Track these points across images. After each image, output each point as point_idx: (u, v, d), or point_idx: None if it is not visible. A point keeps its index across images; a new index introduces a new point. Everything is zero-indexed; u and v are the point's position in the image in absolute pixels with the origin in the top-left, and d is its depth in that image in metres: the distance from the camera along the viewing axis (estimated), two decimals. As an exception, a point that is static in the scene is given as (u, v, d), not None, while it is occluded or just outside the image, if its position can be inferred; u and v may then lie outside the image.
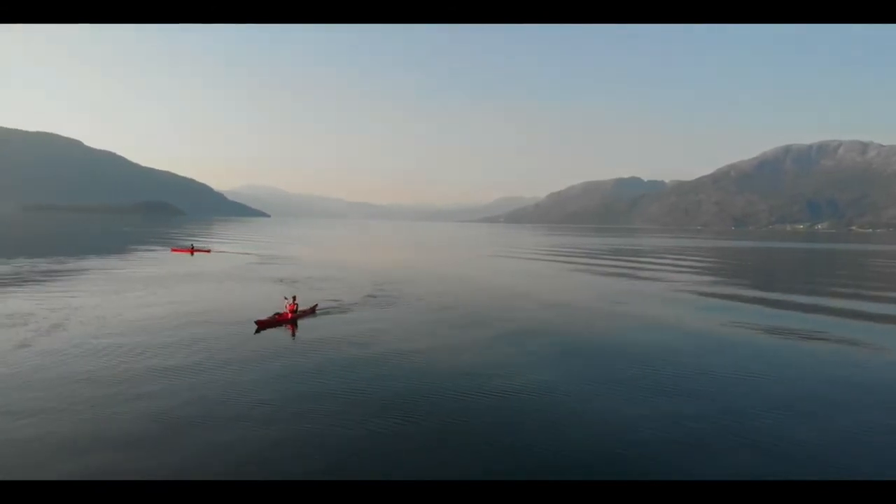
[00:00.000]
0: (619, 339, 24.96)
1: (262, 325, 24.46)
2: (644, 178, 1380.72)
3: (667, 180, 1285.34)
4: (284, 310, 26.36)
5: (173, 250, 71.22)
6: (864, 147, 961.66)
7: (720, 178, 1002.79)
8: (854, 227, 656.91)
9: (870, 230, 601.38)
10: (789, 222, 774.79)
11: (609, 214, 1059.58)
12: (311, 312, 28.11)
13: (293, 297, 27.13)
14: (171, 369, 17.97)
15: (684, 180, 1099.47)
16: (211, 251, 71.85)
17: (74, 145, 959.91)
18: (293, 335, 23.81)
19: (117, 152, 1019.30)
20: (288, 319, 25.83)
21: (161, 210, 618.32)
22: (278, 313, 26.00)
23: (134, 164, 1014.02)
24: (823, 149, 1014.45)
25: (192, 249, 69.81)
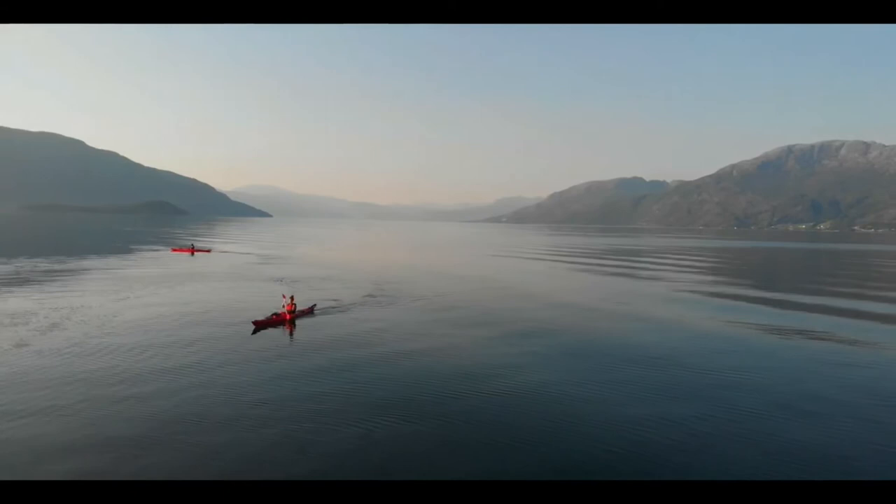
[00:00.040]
0: (620, 339, 24.81)
1: (259, 326, 24.30)
2: (646, 178, 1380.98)
3: (669, 180, 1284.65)
4: (282, 310, 26.21)
5: (173, 250, 71.11)
6: (867, 147, 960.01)
7: (722, 178, 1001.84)
8: (856, 228, 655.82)
9: (872, 230, 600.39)
10: (791, 222, 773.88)
11: (611, 214, 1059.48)
12: (309, 312, 27.96)
13: (291, 297, 26.92)
14: (168, 369, 17.88)
15: (687, 180, 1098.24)
16: (211, 251, 71.76)
17: (77, 145, 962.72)
18: (291, 335, 23.67)
19: (119, 152, 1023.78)
20: (285, 319, 25.68)
21: (163, 210, 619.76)
22: (276, 313, 25.84)
23: (136, 164, 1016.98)
24: (826, 149, 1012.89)
25: (193, 249, 69.71)
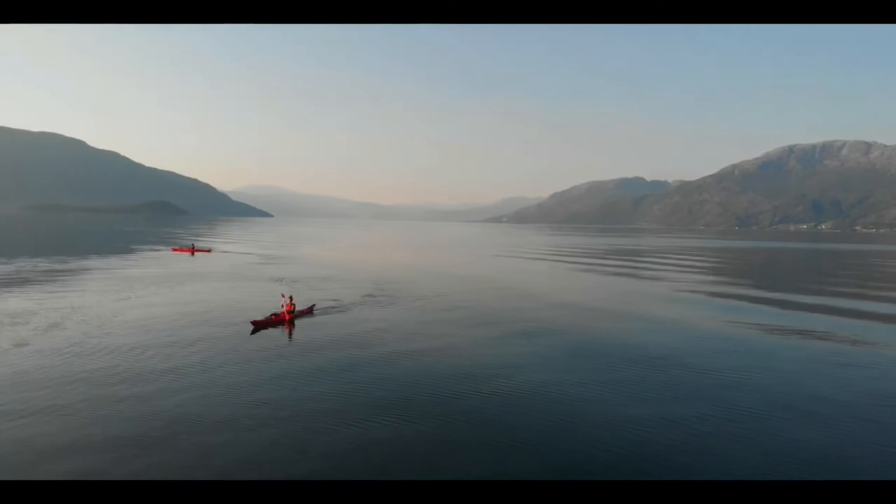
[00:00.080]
0: (621, 339, 24.74)
1: (258, 326, 24.20)
2: (647, 178, 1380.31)
3: (670, 180, 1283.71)
4: (281, 309, 26.13)
5: (174, 250, 71.06)
6: (868, 147, 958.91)
7: (723, 178, 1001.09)
8: (858, 228, 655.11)
9: (873, 230, 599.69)
10: (793, 222, 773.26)
11: (612, 214, 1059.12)
12: (308, 312, 27.87)
13: (290, 297, 26.83)
14: (168, 369, 17.83)
15: (688, 180, 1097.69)
16: (212, 251, 71.72)
17: (78, 145, 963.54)
18: (290, 335, 23.59)
19: (121, 152, 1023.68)
20: (284, 320, 25.58)
21: (164, 210, 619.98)
22: (274, 314, 25.76)
23: (137, 164, 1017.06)
24: (827, 149, 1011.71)
25: (193, 249, 69.66)
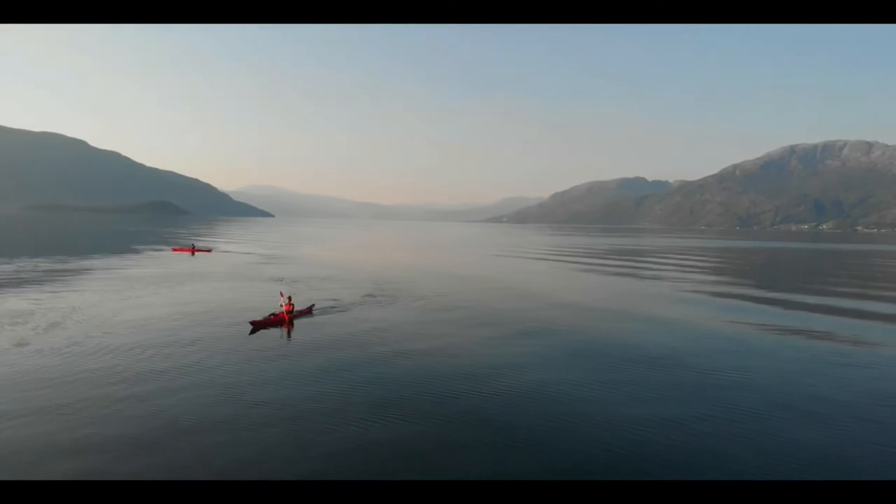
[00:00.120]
0: (622, 339, 24.64)
1: (256, 326, 24.09)
2: (648, 178, 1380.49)
3: (671, 180, 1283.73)
4: (280, 310, 26.03)
5: (174, 250, 71.06)
6: (869, 147, 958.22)
7: (725, 178, 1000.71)
8: (859, 228, 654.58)
9: (875, 230, 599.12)
10: (794, 222, 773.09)
11: (613, 214, 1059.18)
12: (307, 312, 27.75)
13: (289, 298, 26.70)
14: (168, 369, 17.76)
15: (689, 180, 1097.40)
16: (212, 251, 71.71)
17: (79, 145, 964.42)
18: (289, 335, 23.49)
19: (122, 152, 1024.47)
20: (283, 320, 25.46)
21: (165, 210, 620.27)
22: (273, 314, 25.66)
23: (138, 164, 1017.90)
24: (828, 149, 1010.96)
25: (193, 249, 69.62)
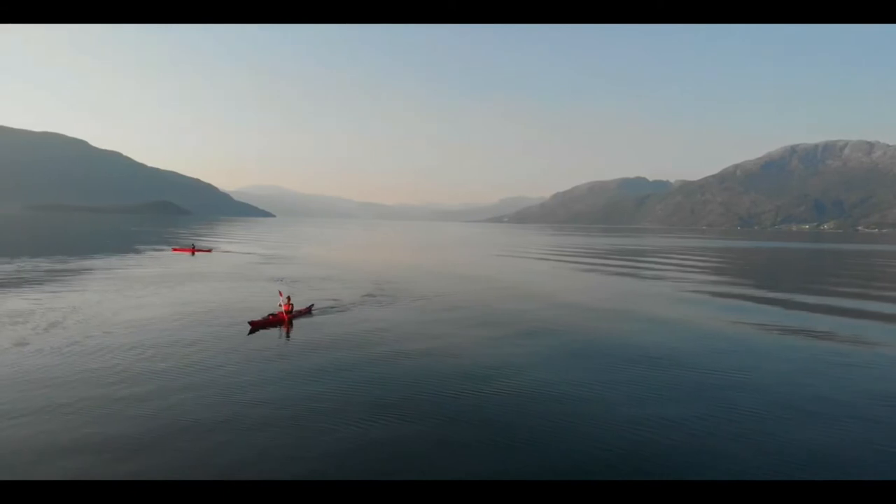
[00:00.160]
0: (623, 339, 24.56)
1: (255, 326, 23.99)
2: (649, 178, 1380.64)
3: (672, 180, 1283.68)
4: (279, 309, 25.94)
5: (174, 250, 71.02)
6: (871, 147, 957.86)
7: (726, 178, 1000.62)
8: (860, 228, 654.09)
9: (876, 230, 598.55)
10: (795, 222, 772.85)
11: (614, 214, 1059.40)
12: (306, 312, 27.65)
13: (287, 298, 26.60)
14: (168, 369, 17.71)
15: (690, 180, 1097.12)
16: (212, 251, 71.67)
17: (80, 145, 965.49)
18: (288, 336, 23.39)
19: (123, 152, 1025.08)
20: (282, 320, 25.36)
21: (166, 210, 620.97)
22: (272, 314, 25.57)
23: (140, 164, 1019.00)
24: (829, 149, 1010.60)
25: (193, 249, 69.57)
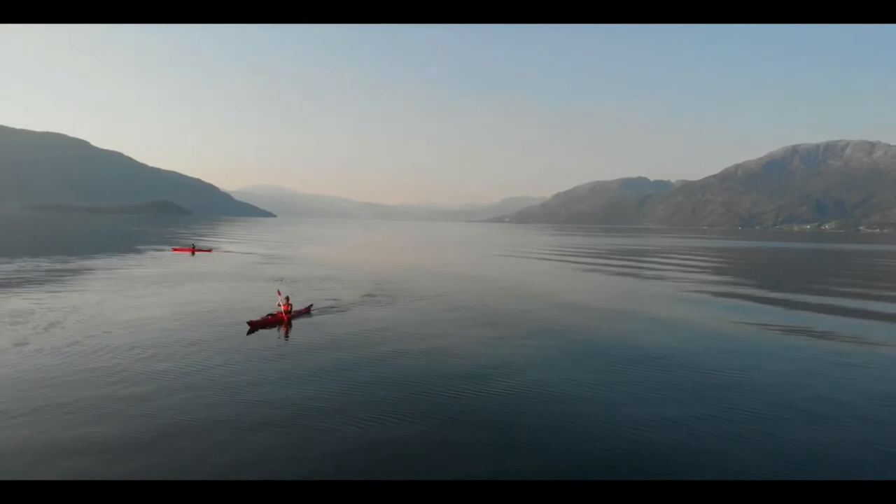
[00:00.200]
0: (624, 339, 24.49)
1: (254, 326, 23.90)
2: (651, 178, 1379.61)
3: (673, 180, 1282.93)
4: (278, 309, 25.84)
5: (174, 250, 71.03)
6: (872, 147, 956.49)
7: (727, 178, 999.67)
8: (862, 228, 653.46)
9: (877, 230, 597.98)
10: (796, 222, 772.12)
11: (616, 214, 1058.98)
12: (305, 312, 27.56)
13: (286, 298, 26.50)
14: (167, 369, 17.67)
15: (691, 180, 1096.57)
16: (212, 251, 71.68)
17: (81, 145, 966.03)
18: (286, 336, 23.31)
19: (124, 152, 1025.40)
20: (281, 320, 25.27)
21: (168, 210, 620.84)
22: (271, 314, 25.48)
23: (141, 164, 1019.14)
24: (831, 149, 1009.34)
25: (194, 249, 69.57)
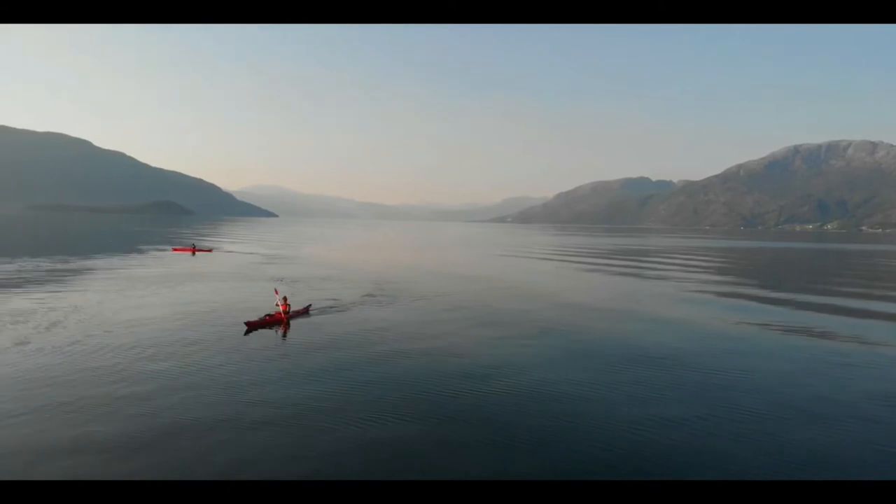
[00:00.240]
0: (625, 339, 24.40)
1: (252, 326, 23.79)
2: (652, 178, 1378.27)
3: (675, 180, 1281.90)
4: (276, 309, 25.75)
5: (174, 250, 71.01)
6: (874, 147, 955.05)
7: (729, 178, 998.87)
8: (864, 228, 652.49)
9: (880, 230, 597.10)
10: (798, 222, 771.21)
11: (618, 214, 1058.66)
12: (304, 313, 27.46)
13: (284, 298, 26.37)
14: (167, 369, 17.62)
15: (693, 180, 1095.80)
16: (213, 251, 71.71)
17: (83, 145, 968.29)
18: (284, 336, 23.22)
19: (126, 152, 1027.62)
20: (279, 320, 25.17)
21: (169, 210, 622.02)
22: (269, 314, 25.39)
23: (143, 164, 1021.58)
24: (833, 149, 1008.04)
25: (194, 249, 69.59)
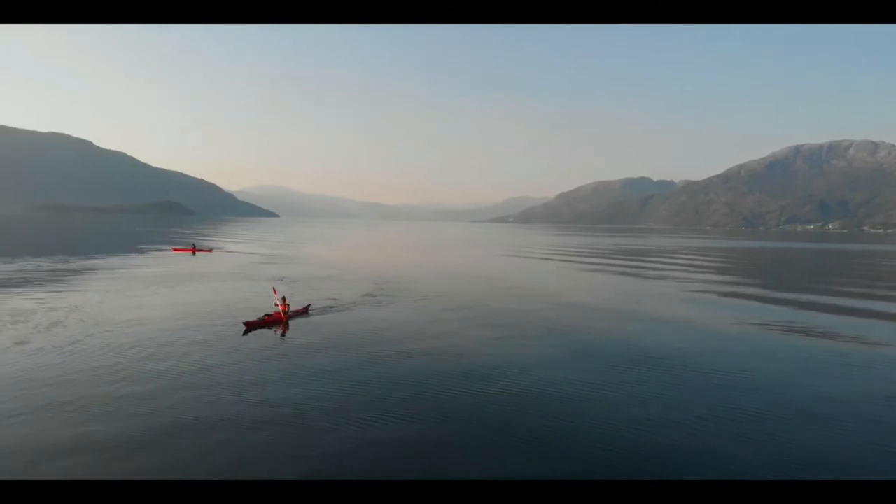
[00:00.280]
0: (626, 339, 24.36)
1: (250, 327, 23.77)
2: (654, 178, 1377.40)
3: (676, 180, 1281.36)
4: (275, 309, 25.72)
5: (174, 250, 71.10)
6: (875, 147, 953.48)
7: (730, 178, 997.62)
8: (865, 228, 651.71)
9: (881, 230, 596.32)
10: (800, 222, 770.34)
11: (619, 214, 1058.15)
12: (303, 313, 27.42)
13: (283, 298, 26.34)
14: (167, 369, 17.62)
15: (694, 180, 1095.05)
16: (213, 251, 71.77)
17: (85, 145, 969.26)
18: (283, 336, 23.18)
19: (127, 152, 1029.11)
20: (278, 320, 25.14)
21: (171, 210, 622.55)
22: (268, 314, 25.36)
23: (144, 165, 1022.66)
24: (834, 149, 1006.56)
25: (194, 249, 69.68)
